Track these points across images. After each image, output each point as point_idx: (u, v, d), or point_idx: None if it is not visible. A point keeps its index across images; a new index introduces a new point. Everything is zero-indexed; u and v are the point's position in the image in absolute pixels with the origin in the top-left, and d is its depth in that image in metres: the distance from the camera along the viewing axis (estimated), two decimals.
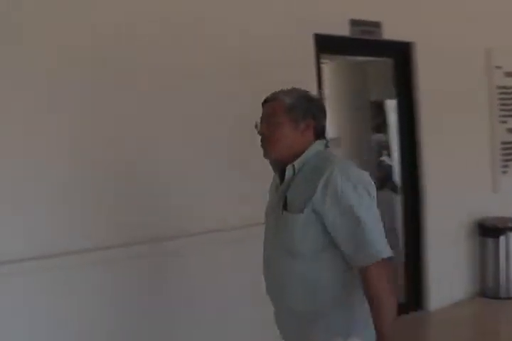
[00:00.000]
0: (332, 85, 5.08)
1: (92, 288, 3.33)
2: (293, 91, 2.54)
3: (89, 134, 3.33)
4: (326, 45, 4.58)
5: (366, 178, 2.43)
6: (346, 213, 2.33)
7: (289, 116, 2.45)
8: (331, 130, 4.93)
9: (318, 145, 2.50)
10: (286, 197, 2.45)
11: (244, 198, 3.74)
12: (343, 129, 6.02)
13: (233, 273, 3.76)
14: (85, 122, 3.31)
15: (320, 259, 2.41)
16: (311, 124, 2.48)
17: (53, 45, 3.17)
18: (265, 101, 2.55)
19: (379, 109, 6.95)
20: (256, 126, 2.52)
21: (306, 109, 2.47)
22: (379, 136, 7.02)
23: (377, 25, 4.91)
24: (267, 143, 2.50)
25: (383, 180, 6.88)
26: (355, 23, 4.77)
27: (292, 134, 2.46)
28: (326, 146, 2.54)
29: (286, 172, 2.48)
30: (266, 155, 2.52)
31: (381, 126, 7.02)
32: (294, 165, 2.46)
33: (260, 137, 2.50)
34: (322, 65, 4.73)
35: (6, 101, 3.08)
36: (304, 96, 2.52)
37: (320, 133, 2.53)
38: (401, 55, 5.25)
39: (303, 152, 2.46)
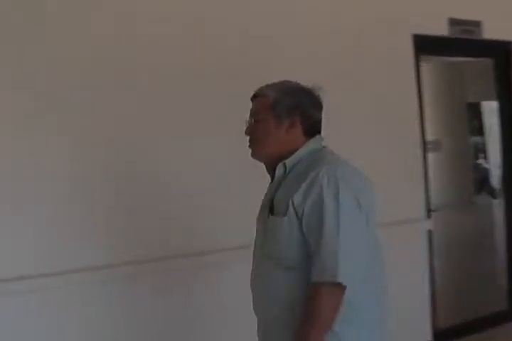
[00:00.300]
0: (429, 87, 4.98)
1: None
2: (280, 84, 2.33)
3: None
4: (425, 45, 4.48)
5: (359, 183, 2.22)
6: (323, 219, 2.10)
7: (273, 113, 2.26)
8: (429, 132, 4.82)
9: (312, 144, 2.29)
10: (273, 200, 2.25)
11: None
12: (441, 132, 5.90)
13: None
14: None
15: (308, 273, 2.15)
16: (296, 120, 2.27)
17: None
18: (254, 97, 2.36)
19: (475, 110, 6.78)
20: (246, 124, 2.36)
21: (291, 104, 2.27)
22: (475, 139, 6.85)
23: (476, 24, 4.77)
24: (252, 142, 2.32)
25: (480, 184, 6.71)
26: (454, 22, 4.65)
27: (276, 132, 2.26)
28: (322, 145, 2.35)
29: (277, 171, 2.27)
30: (253, 155, 2.33)
31: (478, 129, 6.84)
32: (285, 163, 2.25)
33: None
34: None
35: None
36: (291, 90, 2.30)
37: (311, 130, 2.31)
38: (502, 54, 5.09)
39: (293, 151, 2.26)
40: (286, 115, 2.27)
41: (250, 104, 2.37)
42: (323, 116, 2.39)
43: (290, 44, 3.78)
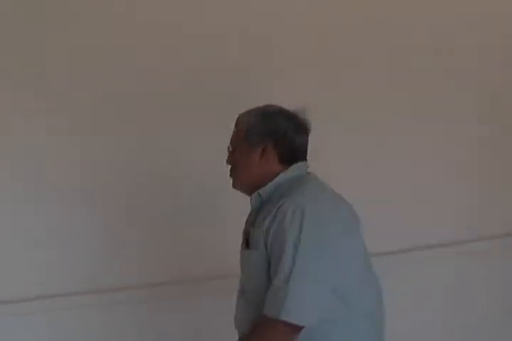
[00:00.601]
0: None
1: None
2: (257, 110, 2.21)
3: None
4: None
5: (334, 214, 2.05)
6: (282, 252, 1.96)
7: (246, 140, 2.15)
8: None
9: (292, 171, 2.15)
10: (249, 232, 2.13)
11: None
12: None
13: None
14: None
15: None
16: (269, 147, 2.13)
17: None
18: (235, 125, 2.26)
19: None
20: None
21: (265, 131, 2.14)
22: None
23: None
24: (231, 172, 2.22)
25: None
26: None
27: (251, 160, 2.14)
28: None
29: (252, 201, 2.16)
30: (233, 185, 2.23)
31: None
32: (259, 193, 2.12)
33: None
34: None
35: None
36: (267, 116, 2.17)
37: (289, 156, 2.16)
38: None
39: (271, 179, 2.12)
40: (259, 142, 2.14)
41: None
42: (309, 140, 2.23)
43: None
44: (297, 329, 1.95)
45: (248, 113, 2.21)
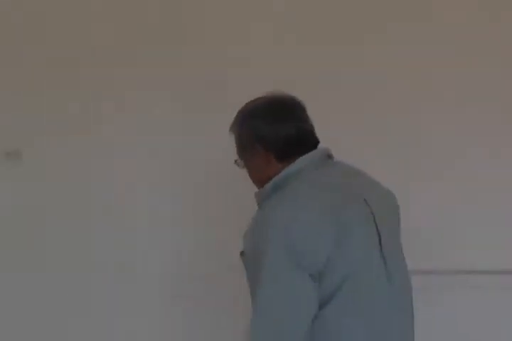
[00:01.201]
0: None
1: None
2: (236, 116, 2.11)
3: None
4: None
5: (298, 231, 1.79)
6: (252, 275, 1.85)
7: (243, 150, 2.08)
8: None
9: (290, 167, 1.97)
10: None
11: None
12: None
13: None
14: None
15: None
16: (260, 151, 2.01)
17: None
18: None
19: None
20: None
21: (248, 137, 2.04)
22: None
23: None
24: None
25: None
26: None
27: (256, 167, 2.05)
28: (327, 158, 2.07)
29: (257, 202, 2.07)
30: None
31: None
32: (257, 193, 2.05)
33: None
34: None
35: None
36: (241, 121, 2.07)
37: (284, 153, 1.99)
38: None
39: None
40: (251, 148, 2.04)
41: None
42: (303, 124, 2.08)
43: None
44: None
45: (233, 122, 2.12)
